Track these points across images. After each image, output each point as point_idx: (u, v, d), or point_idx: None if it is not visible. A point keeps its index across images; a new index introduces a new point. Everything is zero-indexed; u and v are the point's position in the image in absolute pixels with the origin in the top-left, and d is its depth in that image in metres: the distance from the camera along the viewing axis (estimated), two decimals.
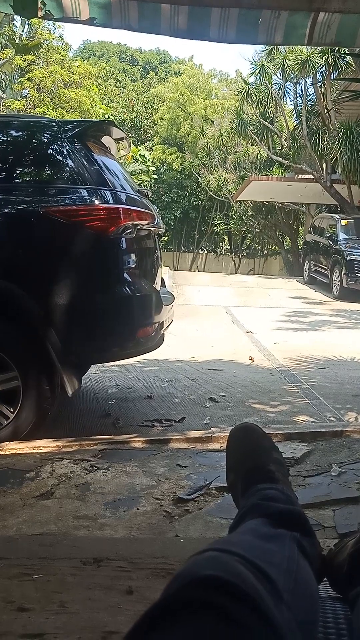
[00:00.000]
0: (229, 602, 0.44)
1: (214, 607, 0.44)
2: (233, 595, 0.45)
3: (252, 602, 0.46)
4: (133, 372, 4.29)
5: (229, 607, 0.44)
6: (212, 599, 0.45)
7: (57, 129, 2.70)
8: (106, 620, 1.14)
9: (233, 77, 26.05)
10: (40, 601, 1.21)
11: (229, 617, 0.43)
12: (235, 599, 0.45)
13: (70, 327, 2.49)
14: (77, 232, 2.47)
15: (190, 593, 0.46)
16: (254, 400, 3.50)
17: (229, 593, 0.45)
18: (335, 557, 0.86)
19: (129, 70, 32.36)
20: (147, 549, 1.51)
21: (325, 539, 1.62)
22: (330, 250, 11.43)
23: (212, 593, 0.45)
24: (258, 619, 0.45)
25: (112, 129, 3.02)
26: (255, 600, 0.46)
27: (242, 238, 25.06)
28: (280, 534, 0.71)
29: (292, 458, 2.27)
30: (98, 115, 15.81)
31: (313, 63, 12.67)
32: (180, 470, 2.18)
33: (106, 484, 2.04)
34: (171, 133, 24.22)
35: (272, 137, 16.47)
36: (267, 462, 0.98)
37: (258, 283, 13.45)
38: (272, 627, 0.45)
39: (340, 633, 0.69)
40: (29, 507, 1.85)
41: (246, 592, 0.46)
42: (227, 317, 7.92)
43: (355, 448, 2.43)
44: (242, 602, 0.45)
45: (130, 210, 2.59)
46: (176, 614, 0.44)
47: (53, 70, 15.17)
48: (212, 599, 0.45)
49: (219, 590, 0.46)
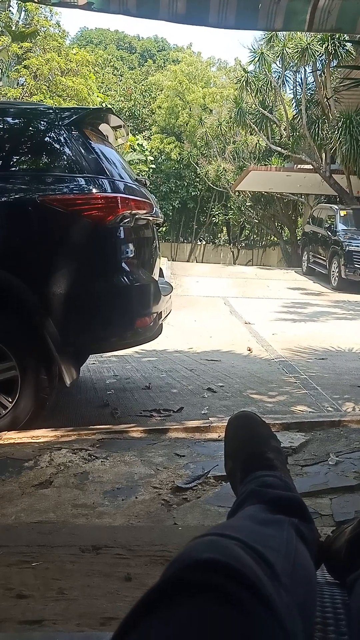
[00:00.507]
0: (228, 585, 0.44)
1: (213, 589, 0.44)
2: (232, 578, 0.45)
3: (251, 585, 0.46)
4: (131, 363, 4.29)
5: (228, 589, 0.44)
6: (211, 581, 0.45)
7: (54, 116, 2.67)
8: (105, 606, 1.15)
9: (232, 65, 25.86)
10: (39, 588, 1.22)
11: (229, 599, 0.44)
12: (234, 581, 0.45)
13: (68, 317, 2.48)
14: (75, 221, 2.46)
15: (189, 576, 0.46)
16: (252, 390, 3.51)
17: (229, 576, 0.45)
18: (333, 543, 0.86)
19: (127, 58, 32.09)
20: (145, 537, 1.52)
21: (322, 526, 1.63)
22: (328, 241, 11.41)
23: (211, 576, 0.45)
24: (257, 602, 0.45)
25: (110, 117, 3.00)
26: (255, 584, 0.46)
27: (241, 229, 24.99)
28: (278, 519, 0.71)
29: (290, 447, 2.28)
30: (95, 103, 15.69)
31: (313, 51, 12.56)
32: (178, 459, 2.19)
33: (105, 473, 2.05)
34: (169, 122, 24.05)
35: (271, 126, 16.36)
36: (265, 449, 0.98)
37: (256, 274, 13.43)
38: (271, 610, 0.45)
39: (338, 618, 0.70)
40: (28, 496, 1.86)
41: (246, 574, 0.46)
42: (226, 307, 7.92)
43: (352, 437, 2.44)
44: (242, 584, 0.45)
45: (129, 199, 2.57)
46: (174, 597, 0.44)
47: (50, 57, 15.03)
48: (211, 582, 0.45)
49: (218, 573, 0.46)
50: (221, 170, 20.59)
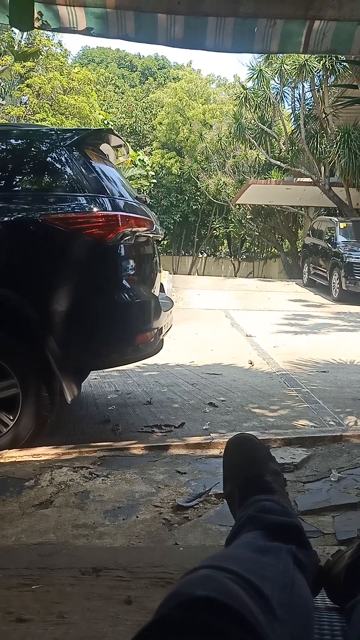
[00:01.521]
0: (220, 623, 0.45)
1: (206, 627, 0.44)
2: (225, 616, 0.45)
3: (243, 622, 0.46)
4: (133, 377, 4.29)
5: (220, 627, 0.44)
6: (203, 619, 0.45)
7: (56, 137, 2.71)
8: (105, 630, 1.14)
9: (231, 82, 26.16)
10: (39, 612, 1.21)
11: (221, 637, 0.44)
12: (226, 619, 0.45)
13: (69, 334, 2.49)
14: (76, 240, 2.48)
15: (182, 614, 0.46)
16: (254, 404, 3.50)
17: (221, 613, 0.46)
18: (333, 567, 0.86)
19: (128, 76, 32.47)
20: (146, 558, 1.51)
21: (324, 545, 1.62)
22: (329, 253, 11.44)
23: (204, 614, 0.45)
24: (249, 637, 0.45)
25: (111, 137, 3.03)
26: (248, 620, 0.46)
27: (242, 241, 25.08)
28: (275, 547, 0.71)
29: (291, 463, 2.27)
30: (97, 120, 15.87)
31: (310, 67, 12.71)
32: (179, 476, 2.18)
33: (105, 491, 2.04)
34: (170, 138, 24.28)
35: (271, 141, 16.50)
36: (263, 472, 0.98)
37: (257, 286, 13.45)
38: None
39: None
40: (28, 516, 1.85)
41: (238, 611, 0.46)
42: (227, 320, 7.92)
43: (354, 453, 2.42)
44: (234, 622, 0.45)
45: (129, 217, 2.60)
46: (168, 635, 0.44)
47: (52, 76, 15.23)
48: (204, 620, 0.45)
49: (210, 611, 0.46)
50: (221, 184, 20.74)
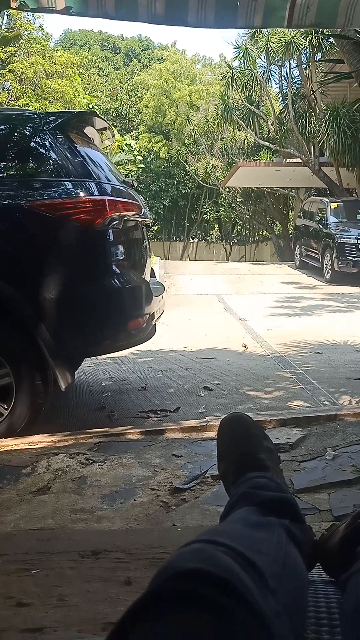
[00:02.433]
0: (212, 593, 0.45)
1: (199, 599, 0.45)
2: (217, 587, 0.46)
3: (235, 592, 0.46)
4: (127, 364, 4.29)
5: (212, 598, 0.45)
6: (196, 591, 0.45)
7: (39, 121, 2.67)
8: (106, 611, 1.15)
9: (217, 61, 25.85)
10: (39, 596, 1.22)
11: (213, 607, 0.44)
12: (220, 590, 0.46)
13: (60, 322, 2.48)
14: (63, 226, 2.45)
15: (175, 586, 0.46)
16: (248, 387, 3.51)
17: (214, 585, 0.46)
18: (327, 541, 0.86)
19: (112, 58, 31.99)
20: (144, 540, 1.52)
21: (321, 521, 1.64)
22: (320, 234, 11.43)
23: (195, 585, 0.46)
24: (242, 608, 0.45)
25: (95, 120, 2.99)
26: (241, 591, 0.47)
27: (233, 225, 25.00)
28: (269, 521, 0.71)
29: (287, 443, 2.28)
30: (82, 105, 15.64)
31: (297, 45, 12.58)
32: (176, 460, 2.19)
33: (102, 476, 2.05)
34: (156, 121, 24.02)
35: (259, 121, 16.37)
36: (257, 450, 0.98)
37: (250, 270, 13.45)
38: (258, 617, 0.46)
39: (332, 617, 0.70)
40: (26, 503, 1.86)
41: (231, 583, 0.47)
42: (220, 305, 7.92)
43: (349, 431, 2.44)
44: (227, 593, 0.46)
45: (116, 201, 2.57)
46: (161, 607, 0.45)
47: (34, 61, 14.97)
48: (197, 591, 0.45)
49: (202, 582, 0.46)
50: (210, 167, 20.59)
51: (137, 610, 0.45)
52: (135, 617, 0.45)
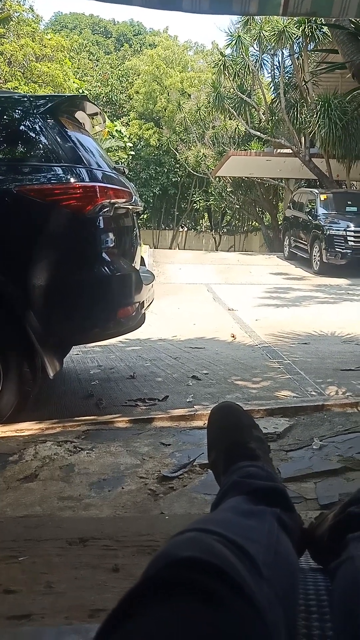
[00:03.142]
0: (208, 582, 0.45)
1: (193, 587, 0.45)
2: (211, 575, 0.46)
3: (230, 580, 0.46)
4: (115, 352, 4.28)
5: (208, 586, 0.45)
6: (191, 579, 0.45)
7: (29, 104, 2.62)
8: (93, 598, 1.15)
9: (209, 48, 25.63)
10: (26, 583, 1.22)
11: (208, 595, 0.44)
12: (214, 578, 0.46)
13: (49, 309, 2.46)
14: (53, 212, 2.42)
15: (169, 574, 0.46)
16: (237, 377, 3.53)
17: (208, 573, 0.46)
18: (316, 529, 0.87)
19: (103, 42, 31.57)
20: (132, 527, 1.53)
21: (307, 510, 1.66)
22: (309, 226, 11.45)
23: (191, 573, 0.46)
24: (238, 598, 0.45)
25: (86, 104, 2.95)
26: (234, 578, 0.47)
27: (222, 215, 24.94)
28: (260, 510, 0.72)
29: (274, 433, 2.30)
30: (72, 89, 15.44)
31: (290, 34, 12.50)
32: (164, 448, 2.19)
33: (90, 464, 2.05)
34: (147, 107, 23.79)
35: (250, 110, 16.28)
36: (247, 439, 0.99)
37: (239, 260, 13.45)
38: (251, 604, 0.46)
39: (321, 604, 0.71)
40: (13, 490, 1.85)
41: (225, 571, 0.47)
42: (209, 294, 7.92)
43: (335, 421, 2.47)
44: (222, 581, 0.46)
45: (107, 188, 2.54)
46: (155, 596, 0.45)
47: (24, 43, 14.71)
48: (191, 580, 0.45)
49: (198, 571, 0.46)
50: (201, 155, 20.48)
51: (131, 599, 0.45)
52: (129, 605, 0.45)
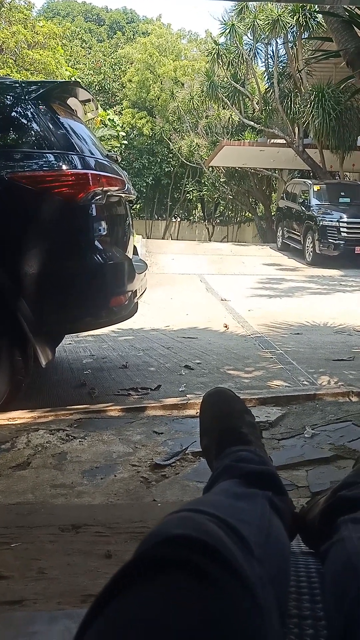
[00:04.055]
0: (199, 559, 0.45)
1: (184, 564, 0.45)
2: (203, 553, 0.46)
3: (223, 559, 0.47)
4: (108, 342, 4.27)
5: (199, 564, 0.45)
6: (182, 556, 0.45)
7: (21, 90, 2.59)
8: (85, 584, 1.15)
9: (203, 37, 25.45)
10: (19, 569, 1.22)
11: (199, 574, 0.44)
12: (205, 555, 0.46)
13: (41, 297, 2.44)
14: (45, 199, 2.40)
15: (160, 552, 0.47)
16: (229, 366, 3.53)
17: (199, 550, 0.46)
18: (308, 514, 0.88)
19: (95, 30, 31.23)
20: (125, 514, 1.53)
21: (299, 497, 1.67)
22: (303, 216, 11.44)
23: (182, 551, 0.46)
24: (229, 575, 0.46)
25: (78, 91, 2.91)
26: (226, 557, 0.47)
27: (215, 205, 24.88)
28: (252, 493, 0.72)
29: (266, 422, 2.31)
30: (64, 77, 15.26)
31: (284, 23, 12.43)
32: (156, 437, 2.20)
33: (83, 452, 2.05)
34: (140, 96, 23.59)
35: (244, 100, 16.19)
36: (239, 424, 0.99)
37: (232, 250, 13.43)
38: (242, 582, 0.46)
39: (312, 586, 0.72)
40: (5, 478, 1.85)
41: (217, 548, 0.47)
42: (202, 285, 7.92)
43: (327, 410, 2.48)
44: (213, 558, 0.46)
45: (100, 175, 2.52)
46: (146, 573, 0.45)
47: (16, 30, 14.51)
48: (182, 557, 0.45)
49: (189, 548, 0.46)
50: (194, 145, 20.37)
51: (122, 576, 0.45)
52: (121, 582, 0.45)
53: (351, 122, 12.28)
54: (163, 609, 0.41)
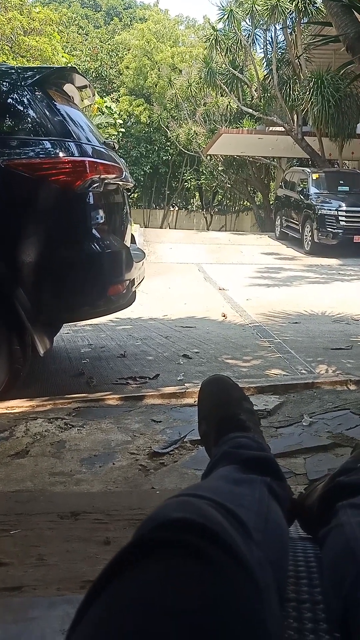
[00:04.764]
0: (197, 542, 0.45)
1: (183, 546, 0.45)
2: (202, 535, 0.46)
3: (221, 541, 0.47)
4: (106, 331, 4.27)
5: (197, 546, 0.45)
6: (180, 539, 0.46)
7: (16, 76, 2.55)
8: (84, 570, 1.16)
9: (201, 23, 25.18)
10: (18, 555, 1.23)
11: (198, 555, 0.44)
12: (204, 538, 0.46)
13: (39, 286, 2.43)
14: (42, 187, 2.38)
15: (159, 535, 0.47)
16: (227, 355, 3.53)
17: (198, 533, 0.46)
18: (306, 500, 0.88)
19: (92, 16, 30.85)
20: (123, 502, 1.54)
21: (297, 485, 1.67)
22: (301, 205, 11.39)
23: (180, 534, 0.46)
24: (227, 557, 0.46)
25: (75, 76, 2.88)
26: (225, 539, 0.47)
27: (214, 194, 24.76)
28: (251, 478, 0.72)
29: (264, 410, 2.32)
30: (60, 63, 15.09)
31: (283, 8, 12.27)
32: (155, 425, 2.20)
33: (81, 441, 2.05)
34: (138, 83, 23.36)
35: (242, 87, 16.04)
36: (238, 411, 0.99)
37: (230, 239, 13.40)
38: (241, 564, 0.46)
39: (311, 571, 0.72)
40: (4, 466, 1.86)
41: (215, 531, 0.47)
42: (200, 274, 7.90)
43: (325, 399, 2.49)
44: (211, 541, 0.46)
45: (97, 163, 2.50)
46: (145, 555, 0.45)
47: (12, 16, 14.33)
48: (181, 539, 0.46)
49: (187, 531, 0.46)
50: (192, 133, 20.21)
51: (121, 559, 0.45)
52: (119, 565, 0.45)
53: (350, 109, 12.18)
54: (162, 591, 0.41)
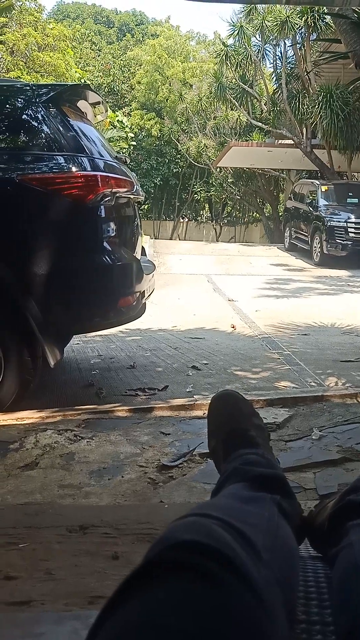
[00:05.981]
0: (206, 563, 0.46)
1: (192, 568, 0.46)
2: (211, 557, 0.47)
3: (228, 562, 0.47)
4: (116, 342, 4.28)
5: (206, 567, 0.45)
6: (190, 561, 0.46)
7: (31, 93, 2.60)
8: (93, 585, 1.16)
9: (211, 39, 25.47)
10: (26, 569, 1.23)
11: (206, 577, 0.45)
12: (212, 560, 0.46)
13: (50, 298, 2.46)
14: (55, 201, 2.41)
15: (170, 556, 0.47)
16: (236, 367, 3.53)
17: (207, 555, 0.47)
18: (316, 518, 0.88)
19: (105, 32, 31.35)
20: (132, 515, 1.53)
21: (306, 500, 1.66)
22: (310, 217, 11.40)
23: (190, 555, 0.47)
24: (234, 577, 0.46)
25: (88, 93, 2.92)
26: (232, 560, 0.48)
27: (223, 205, 24.85)
28: (260, 496, 0.72)
29: (274, 423, 2.30)
30: (74, 79, 15.34)
31: (292, 24, 12.39)
32: (163, 437, 2.20)
33: (90, 453, 2.05)
34: (149, 98, 23.63)
35: (252, 101, 16.18)
36: (247, 427, 0.99)
37: (239, 251, 13.42)
38: (248, 584, 0.47)
39: (321, 591, 0.72)
40: (14, 478, 1.86)
41: (223, 552, 0.48)
42: (209, 285, 7.91)
43: (335, 412, 2.47)
44: (219, 562, 0.47)
45: (109, 177, 2.53)
46: (156, 577, 0.45)
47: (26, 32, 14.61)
48: (191, 561, 0.46)
49: (197, 553, 0.47)
50: (202, 146, 20.36)
51: (132, 581, 0.46)
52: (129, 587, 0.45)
53: (359, 122, 12.21)
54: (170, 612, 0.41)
